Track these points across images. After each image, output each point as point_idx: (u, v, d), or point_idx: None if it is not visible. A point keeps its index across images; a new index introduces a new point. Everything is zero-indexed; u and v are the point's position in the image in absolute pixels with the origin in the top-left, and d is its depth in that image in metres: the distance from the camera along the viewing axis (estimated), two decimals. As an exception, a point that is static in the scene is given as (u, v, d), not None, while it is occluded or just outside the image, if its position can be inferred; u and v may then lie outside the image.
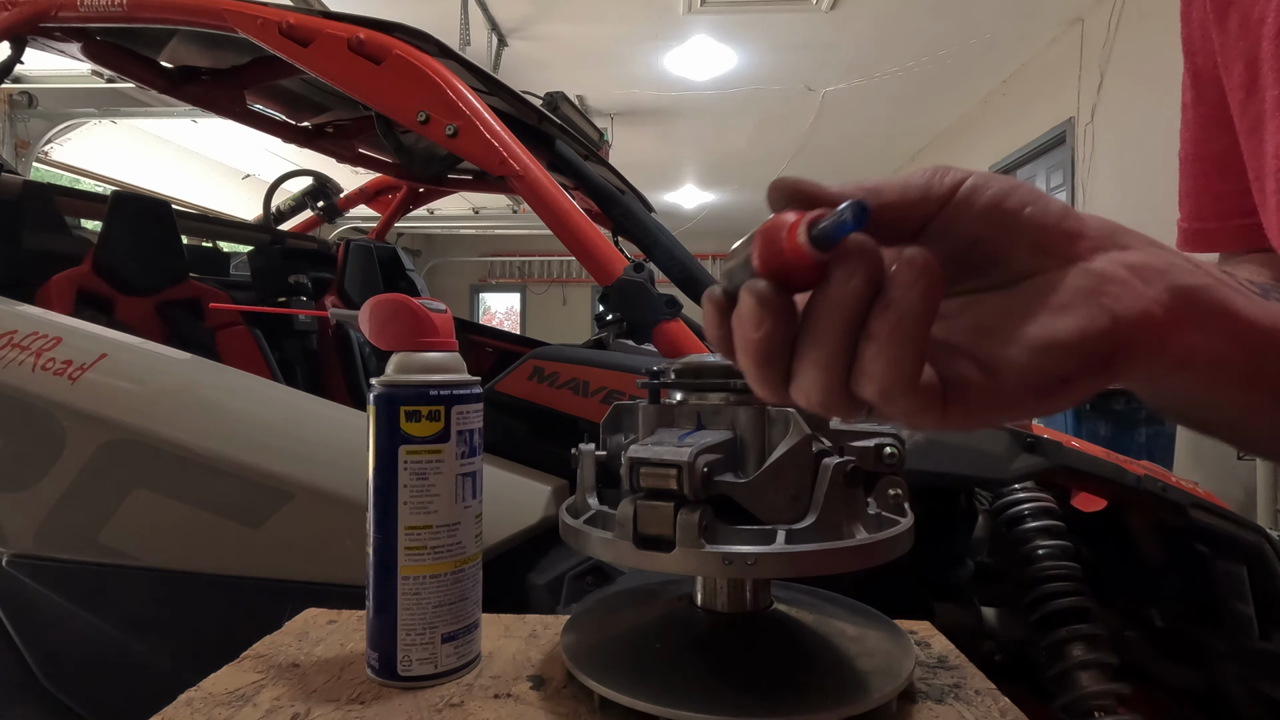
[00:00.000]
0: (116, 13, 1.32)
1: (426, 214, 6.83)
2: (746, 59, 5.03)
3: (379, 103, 1.20)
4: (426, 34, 1.25)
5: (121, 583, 1.02)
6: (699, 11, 4.34)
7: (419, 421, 0.39)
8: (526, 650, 0.44)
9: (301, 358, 1.92)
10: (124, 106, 4.76)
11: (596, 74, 5.31)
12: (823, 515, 0.36)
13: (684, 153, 7.34)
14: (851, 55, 4.89)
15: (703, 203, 9.15)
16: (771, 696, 0.36)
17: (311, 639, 0.45)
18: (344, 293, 2.08)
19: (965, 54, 4.71)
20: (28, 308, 1.18)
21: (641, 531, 0.35)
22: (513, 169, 1.13)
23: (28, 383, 1.04)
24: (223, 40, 1.39)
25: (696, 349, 1.06)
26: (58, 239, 1.43)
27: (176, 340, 1.49)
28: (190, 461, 0.99)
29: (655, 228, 1.36)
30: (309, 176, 2.31)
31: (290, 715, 0.36)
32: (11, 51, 1.46)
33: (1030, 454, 1.04)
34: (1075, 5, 4.09)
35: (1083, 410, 2.84)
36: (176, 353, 1.15)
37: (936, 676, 0.43)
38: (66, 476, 1.02)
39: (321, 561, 0.98)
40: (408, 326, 0.41)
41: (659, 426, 0.40)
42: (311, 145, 1.95)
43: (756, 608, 0.42)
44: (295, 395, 1.13)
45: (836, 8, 4.25)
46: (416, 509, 0.39)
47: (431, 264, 10.65)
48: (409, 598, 0.39)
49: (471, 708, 0.37)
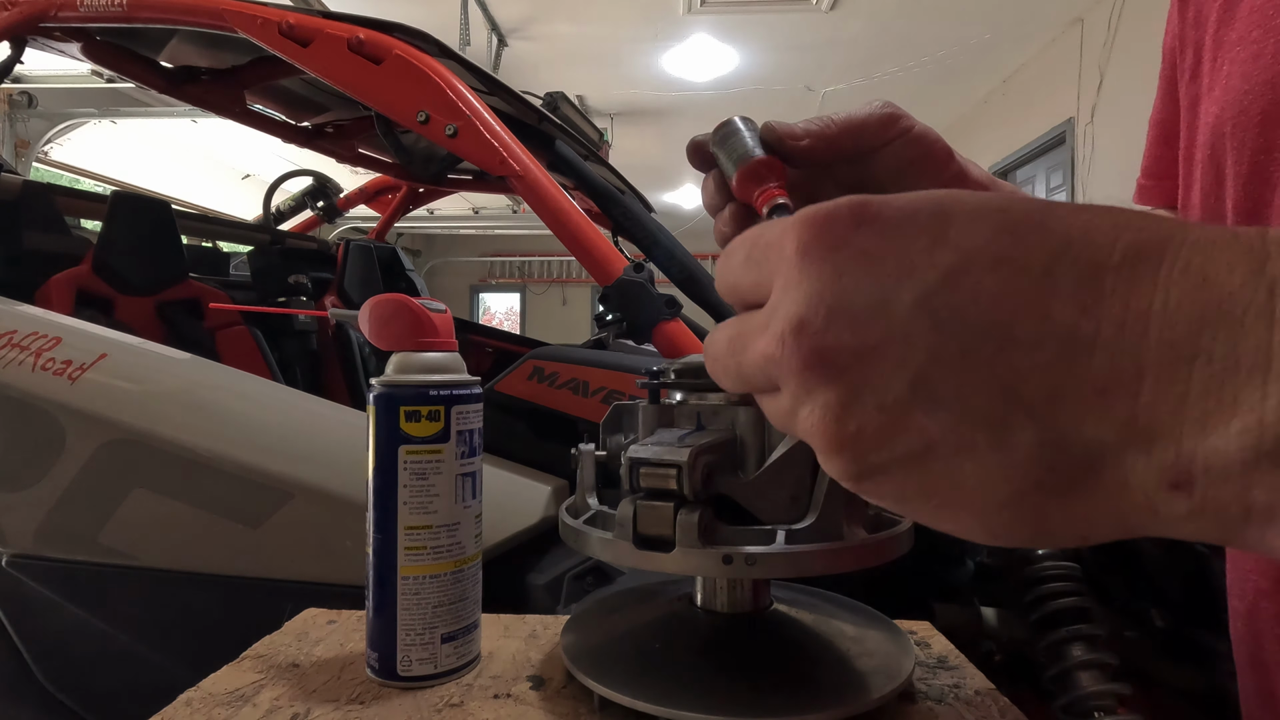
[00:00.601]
0: (116, 13, 1.32)
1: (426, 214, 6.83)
2: (747, 59, 5.03)
3: (379, 103, 1.20)
4: (426, 34, 1.25)
5: (121, 583, 1.02)
6: (699, 11, 4.34)
7: (419, 421, 0.39)
8: (526, 650, 0.44)
9: (301, 358, 1.92)
10: (124, 106, 4.76)
11: (596, 74, 5.31)
12: (823, 515, 0.36)
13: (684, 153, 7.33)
14: (851, 55, 4.89)
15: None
16: (771, 696, 0.36)
17: (311, 639, 0.45)
18: (344, 293, 2.08)
19: (965, 54, 4.72)
20: (28, 308, 1.18)
21: (641, 531, 0.35)
22: (513, 169, 1.13)
23: (28, 383, 1.04)
24: (223, 40, 1.39)
25: (696, 349, 1.06)
26: (58, 239, 1.43)
27: (176, 340, 1.49)
28: (190, 461, 0.99)
29: (655, 228, 1.36)
30: (309, 176, 2.31)
31: (290, 715, 0.36)
32: (11, 51, 1.46)
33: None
34: (1075, 5, 4.09)
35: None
36: (176, 353, 1.16)
37: (936, 676, 0.43)
38: (66, 476, 1.02)
39: (321, 561, 0.98)
40: (408, 326, 0.41)
41: (659, 426, 0.40)
42: (311, 145, 1.95)
43: (756, 608, 0.42)
44: (295, 395, 1.13)
45: (836, 8, 4.25)
46: (416, 509, 0.39)
47: (431, 264, 10.65)
48: (409, 598, 0.39)
49: (471, 708, 0.37)
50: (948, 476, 0.20)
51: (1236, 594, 0.39)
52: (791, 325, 0.20)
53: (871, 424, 0.20)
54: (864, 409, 0.20)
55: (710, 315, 1.28)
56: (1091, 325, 0.17)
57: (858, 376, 0.20)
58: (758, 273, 0.23)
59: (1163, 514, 0.18)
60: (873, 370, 0.19)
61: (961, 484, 0.19)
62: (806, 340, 0.20)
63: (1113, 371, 0.17)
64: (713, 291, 1.23)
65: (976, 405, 0.19)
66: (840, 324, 0.20)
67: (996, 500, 0.19)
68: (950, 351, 0.19)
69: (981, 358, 0.18)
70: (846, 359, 0.20)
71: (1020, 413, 0.18)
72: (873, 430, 0.20)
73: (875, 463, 0.20)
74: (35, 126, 4.46)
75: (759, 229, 0.23)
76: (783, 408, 0.22)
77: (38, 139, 4.50)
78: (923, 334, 0.19)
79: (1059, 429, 0.18)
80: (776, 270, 0.21)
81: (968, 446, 0.19)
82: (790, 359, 0.20)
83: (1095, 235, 0.18)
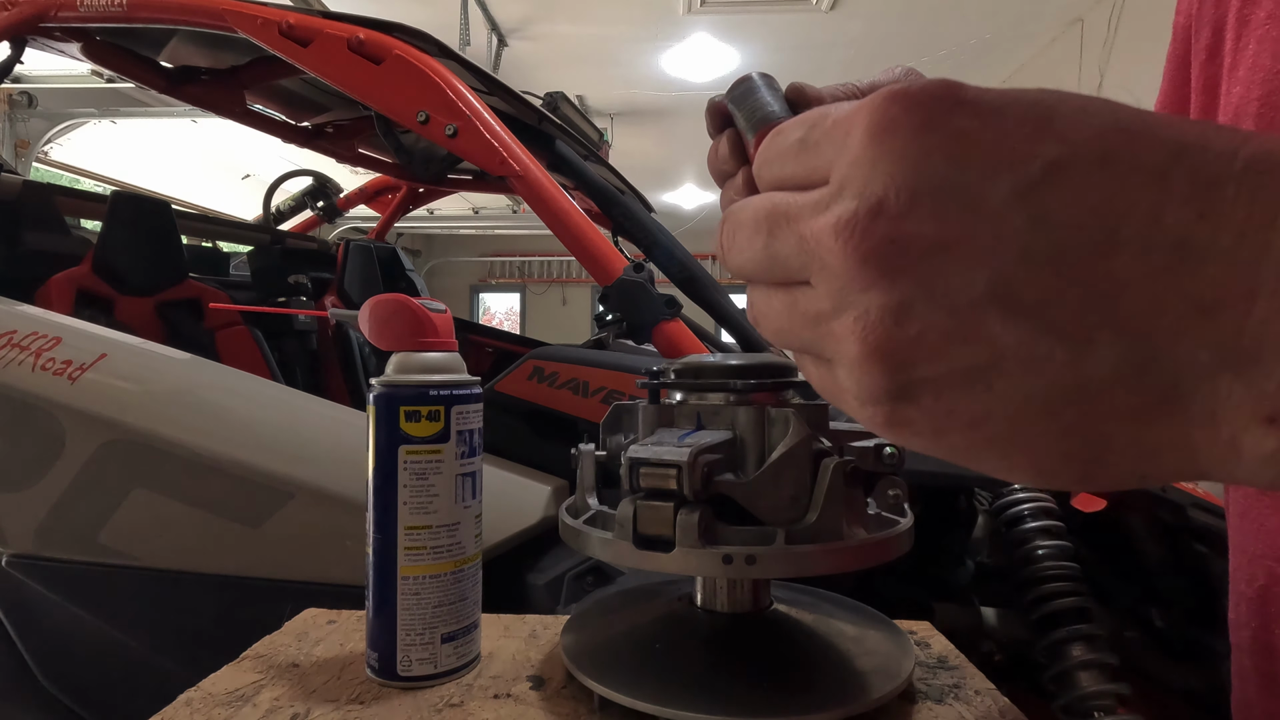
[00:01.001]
0: (116, 13, 1.32)
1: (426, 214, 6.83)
2: (747, 59, 5.03)
3: (379, 103, 1.20)
4: (426, 34, 1.25)
5: (121, 583, 1.02)
6: (699, 11, 4.34)
7: (419, 421, 0.39)
8: (526, 650, 0.44)
9: (301, 358, 1.92)
10: (124, 106, 4.75)
11: (596, 74, 5.31)
12: (823, 515, 0.36)
13: (684, 153, 7.34)
14: (851, 55, 4.89)
15: (703, 203, 9.15)
16: (771, 696, 0.36)
17: (311, 639, 0.45)
18: (344, 293, 2.08)
19: (965, 54, 4.71)
20: (28, 308, 1.18)
21: (641, 531, 0.35)
22: (513, 169, 1.13)
23: (28, 383, 1.04)
24: (223, 40, 1.39)
25: (696, 349, 1.06)
26: (58, 239, 1.43)
27: (176, 340, 1.49)
28: (190, 461, 0.99)
29: (655, 228, 1.36)
30: (309, 176, 2.31)
31: (290, 715, 0.36)
32: (11, 51, 1.46)
33: (1030, 454, 1.04)
34: (1075, 5, 4.09)
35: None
36: (176, 353, 1.16)
37: (936, 676, 0.43)
38: (66, 476, 1.02)
39: (321, 561, 0.98)
40: (408, 326, 0.41)
41: (659, 426, 0.40)
42: (311, 145, 1.95)
43: (756, 608, 0.42)
44: (295, 395, 1.13)
45: (836, 8, 4.25)
46: (416, 509, 0.39)
47: (431, 264, 10.65)
48: (409, 598, 0.39)
49: (471, 708, 0.37)
50: (1009, 398, 0.17)
51: (1244, 579, 0.39)
52: (867, 206, 0.18)
53: (936, 328, 0.17)
54: (932, 310, 0.17)
55: (710, 315, 1.28)
56: (1207, 232, 0.16)
57: (932, 271, 0.17)
58: (816, 157, 0.20)
59: (1247, 454, 0.16)
60: (951, 266, 0.17)
61: (1024, 408, 0.17)
62: (881, 225, 0.18)
63: (1226, 284, 0.16)
64: (713, 291, 1.23)
65: (1061, 316, 0.17)
66: (923, 211, 0.17)
67: (1060, 426, 0.17)
68: (1043, 251, 0.17)
69: (1079, 261, 0.16)
70: (922, 250, 0.17)
71: (1110, 328, 0.17)
72: (936, 335, 0.17)
73: (926, 376, 0.18)
74: (35, 126, 4.46)
75: (820, 110, 0.20)
76: (817, 305, 0.19)
77: (38, 139, 4.50)
78: (1016, 230, 0.17)
79: (1153, 346, 0.16)
80: (843, 151, 0.19)
81: (1043, 361, 0.17)
82: (854, 245, 0.18)
83: (1214, 143, 0.16)
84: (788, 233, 0.20)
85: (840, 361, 0.19)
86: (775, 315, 0.21)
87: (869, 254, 0.18)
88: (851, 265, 0.18)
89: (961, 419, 0.18)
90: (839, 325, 0.19)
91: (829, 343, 0.19)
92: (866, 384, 0.19)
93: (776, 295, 0.21)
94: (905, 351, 0.18)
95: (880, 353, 0.18)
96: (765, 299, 0.21)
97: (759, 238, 0.21)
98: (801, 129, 0.20)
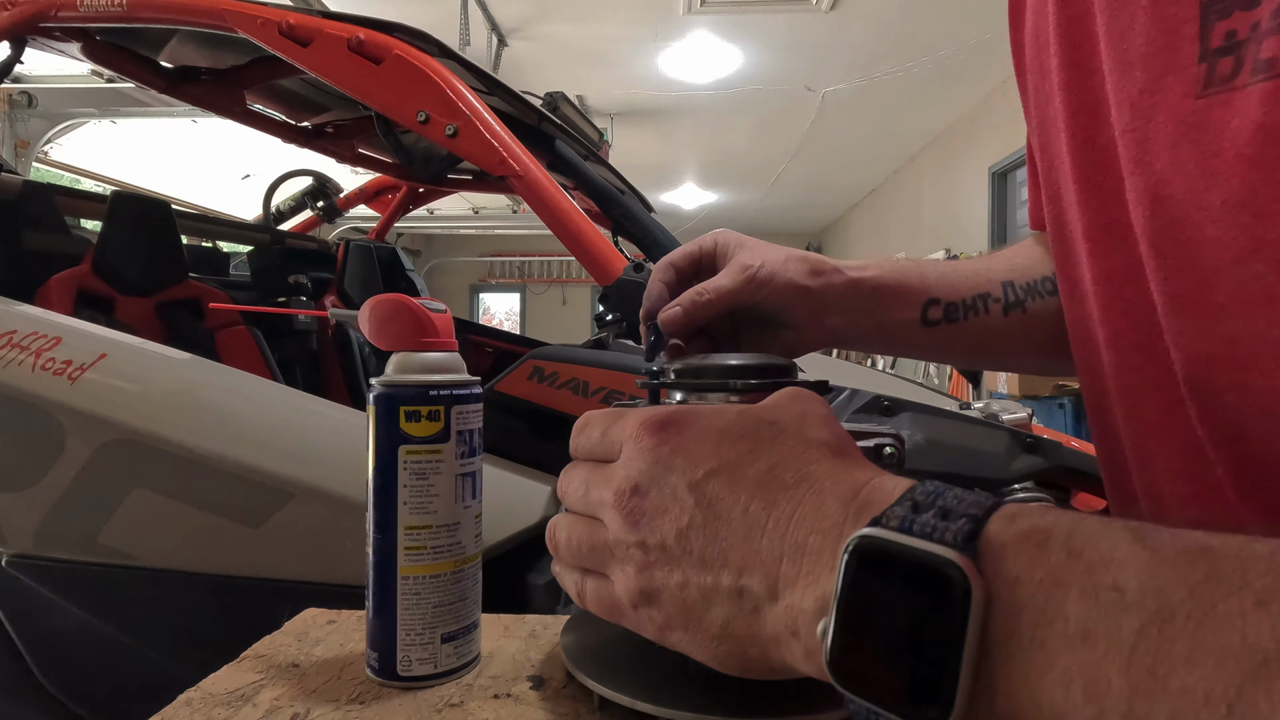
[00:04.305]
0: (116, 13, 1.32)
1: (426, 214, 6.84)
2: (747, 59, 5.03)
3: (379, 103, 1.20)
4: (426, 34, 1.25)
5: (121, 583, 1.02)
6: (699, 11, 4.35)
7: (419, 421, 0.39)
8: (526, 650, 0.44)
9: (301, 358, 1.93)
10: (124, 106, 4.75)
11: (596, 74, 5.31)
12: (823, 515, 0.36)
13: (684, 153, 7.34)
14: (851, 55, 4.89)
15: (703, 203, 9.16)
16: (772, 696, 0.36)
17: (311, 639, 0.45)
18: (344, 293, 2.08)
19: (965, 54, 4.72)
20: (28, 308, 1.18)
21: (641, 531, 0.35)
22: (512, 169, 1.13)
23: (28, 383, 1.04)
24: (223, 40, 1.39)
25: (696, 349, 1.06)
26: (58, 239, 1.43)
27: (176, 340, 1.49)
28: (190, 461, 0.99)
29: (655, 228, 1.36)
30: (309, 176, 2.31)
31: (290, 715, 0.36)
32: (11, 51, 1.46)
33: (1030, 454, 1.04)
34: (1075, 5, 4.09)
35: (1083, 410, 2.84)
36: (176, 353, 1.16)
37: (936, 676, 0.43)
38: (66, 476, 1.02)
39: (321, 561, 0.98)
40: (407, 326, 0.41)
41: (659, 426, 0.40)
42: (311, 145, 1.96)
43: (756, 608, 0.42)
44: (295, 395, 1.13)
45: (836, 8, 4.25)
46: (416, 509, 0.39)
47: (431, 264, 10.66)
48: (409, 598, 0.39)
49: (471, 708, 0.37)
50: (688, 610, 0.28)
51: None
52: (628, 485, 0.30)
53: (656, 563, 0.29)
54: (654, 550, 0.29)
55: None
56: (765, 518, 0.27)
57: (652, 528, 0.29)
58: (609, 447, 0.32)
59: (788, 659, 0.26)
60: (662, 525, 0.29)
61: (697, 617, 0.28)
62: (632, 499, 0.30)
63: (771, 553, 0.26)
64: None
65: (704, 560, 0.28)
66: (650, 492, 0.29)
67: (712, 633, 0.27)
68: (699, 520, 0.28)
69: (712, 530, 0.27)
70: (650, 515, 0.29)
71: (729, 569, 0.27)
72: (658, 566, 0.29)
73: (651, 589, 0.29)
74: (35, 126, 4.46)
75: (612, 414, 0.33)
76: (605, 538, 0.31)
77: (38, 139, 4.50)
78: (689, 507, 0.28)
79: (744, 580, 0.26)
80: (622, 445, 0.31)
81: (703, 589, 0.27)
82: (621, 509, 0.30)
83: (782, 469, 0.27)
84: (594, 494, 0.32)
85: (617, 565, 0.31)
86: (577, 542, 0.32)
87: (626, 515, 0.30)
88: (619, 519, 0.30)
89: (674, 620, 0.29)
90: (619, 552, 0.30)
91: (612, 565, 0.31)
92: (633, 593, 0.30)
93: (579, 526, 0.32)
94: (648, 573, 0.29)
95: (633, 569, 0.30)
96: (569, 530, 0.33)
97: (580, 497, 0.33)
98: (600, 426, 0.33)
